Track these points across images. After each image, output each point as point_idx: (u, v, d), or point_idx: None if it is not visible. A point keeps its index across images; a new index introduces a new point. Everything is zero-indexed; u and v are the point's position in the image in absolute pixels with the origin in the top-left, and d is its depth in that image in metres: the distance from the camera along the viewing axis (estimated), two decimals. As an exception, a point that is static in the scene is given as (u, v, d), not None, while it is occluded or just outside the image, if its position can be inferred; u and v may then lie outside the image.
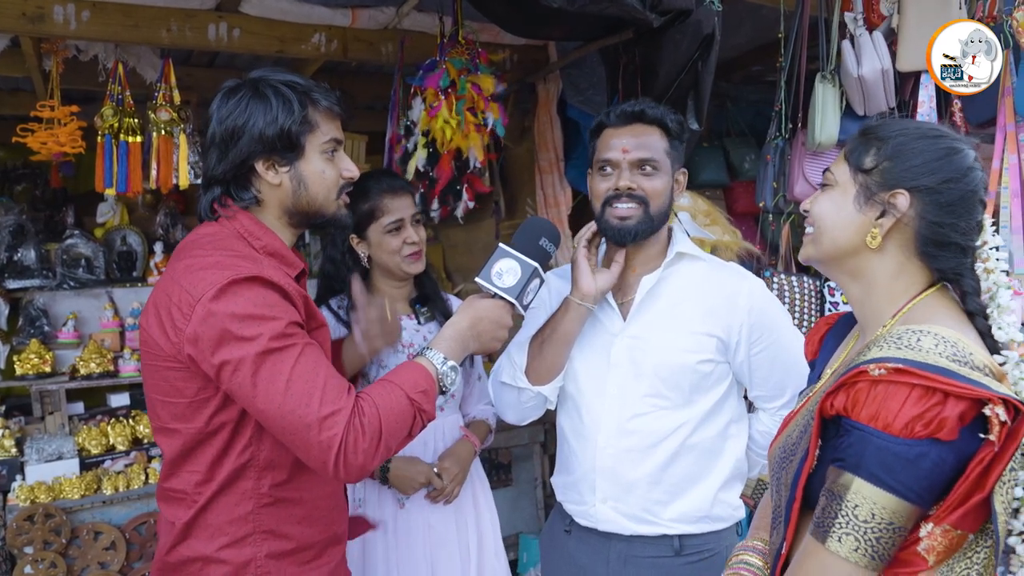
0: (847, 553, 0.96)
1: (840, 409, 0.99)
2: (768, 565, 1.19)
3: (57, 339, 3.77)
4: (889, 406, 0.94)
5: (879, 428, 0.95)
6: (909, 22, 2.43)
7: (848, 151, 1.15)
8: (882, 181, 1.09)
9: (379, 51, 3.12)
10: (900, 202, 1.08)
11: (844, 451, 0.99)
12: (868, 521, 0.95)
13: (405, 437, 1.31)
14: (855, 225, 1.11)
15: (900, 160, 1.09)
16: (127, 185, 2.92)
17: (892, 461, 0.94)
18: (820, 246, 1.16)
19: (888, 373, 0.95)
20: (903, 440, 0.93)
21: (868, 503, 0.95)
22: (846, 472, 0.97)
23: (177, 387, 1.32)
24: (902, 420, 0.93)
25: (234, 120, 1.34)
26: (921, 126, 1.14)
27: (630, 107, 1.63)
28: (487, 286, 1.44)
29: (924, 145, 1.09)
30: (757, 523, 1.29)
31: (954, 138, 1.11)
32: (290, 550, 1.37)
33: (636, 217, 1.59)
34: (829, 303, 2.61)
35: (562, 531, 1.75)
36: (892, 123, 1.15)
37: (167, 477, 1.38)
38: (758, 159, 3.73)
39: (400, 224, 1.98)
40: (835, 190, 1.14)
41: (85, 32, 2.68)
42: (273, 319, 1.24)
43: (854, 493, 0.96)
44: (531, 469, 3.72)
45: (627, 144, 1.60)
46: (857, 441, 0.97)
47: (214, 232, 1.38)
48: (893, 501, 0.94)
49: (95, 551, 2.90)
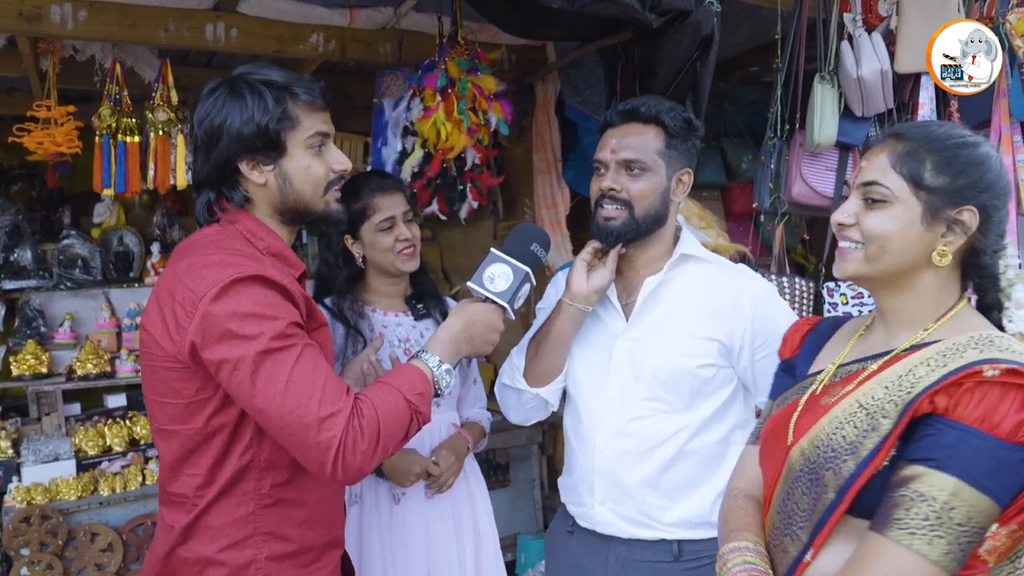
0: (937, 556, 0.94)
1: (940, 408, 0.98)
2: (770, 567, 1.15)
3: (54, 340, 3.76)
4: (999, 408, 0.94)
5: (984, 430, 0.94)
6: (908, 23, 2.43)
7: (895, 162, 1.11)
8: (948, 198, 1.08)
9: (377, 51, 3.12)
10: (968, 219, 1.08)
11: (935, 451, 0.97)
12: (963, 524, 0.94)
13: (402, 439, 1.31)
14: (923, 243, 1.09)
15: (963, 176, 1.08)
16: (125, 185, 2.92)
17: (996, 465, 0.93)
18: (879, 264, 1.12)
19: (1002, 374, 0.95)
20: (1008, 444, 0.93)
21: (965, 506, 0.94)
22: (940, 472, 0.96)
23: (175, 388, 1.31)
24: (1010, 424, 0.93)
25: (211, 120, 1.33)
26: (951, 131, 1.13)
27: (626, 105, 1.62)
28: (479, 290, 1.45)
29: (971, 156, 1.09)
30: (737, 524, 1.23)
31: (983, 141, 1.12)
32: (290, 552, 1.36)
33: (620, 219, 1.58)
34: (828, 304, 2.61)
35: (565, 532, 1.75)
36: (923, 129, 1.14)
37: (168, 481, 1.37)
38: (756, 160, 3.74)
39: (392, 222, 1.99)
40: (895, 207, 1.10)
41: (82, 32, 2.67)
42: (274, 319, 1.24)
43: (951, 495, 0.94)
44: (529, 470, 3.72)
45: (615, 144, 1.59)
46: (957, 442, 0.95)
47: (217, 232, 1.37)
48: (990, 505, 0.94)
49: (92, 552, 2.89)
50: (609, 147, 1.60)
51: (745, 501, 1.27)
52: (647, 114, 1.59)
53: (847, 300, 2.57)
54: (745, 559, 1.16)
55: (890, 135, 1.15)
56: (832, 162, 2.66)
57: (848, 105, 2.57)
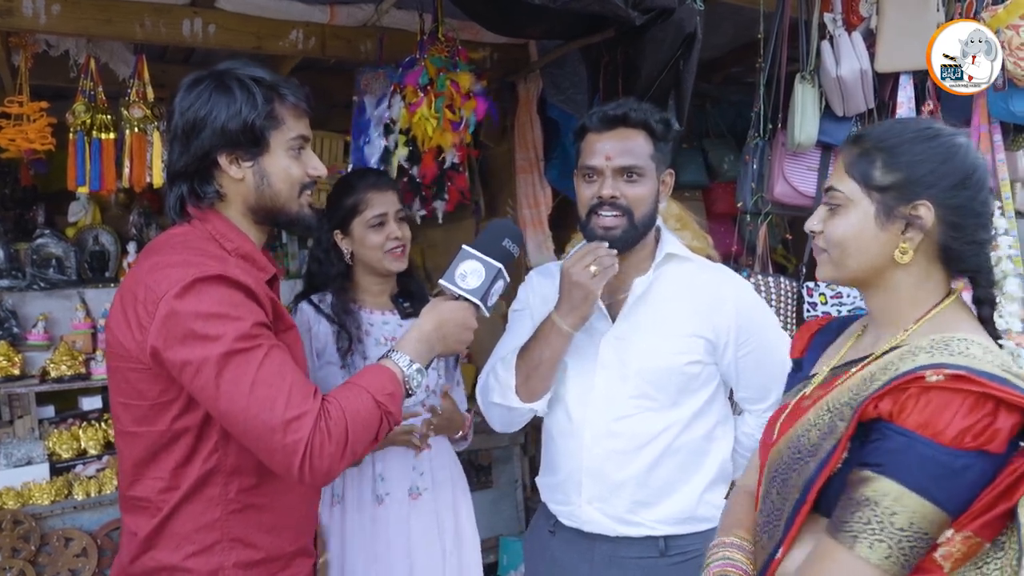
0: (878, 560, 0.94)
1: (884, 413, 0.97)
2: (752, 563, 1.16)
3: (27, 341, 3.68)
4: (942, 415, 0.93)
5: (928, 436, 0.93)
6: (888, 23, 2.45)
7: (849, 165, 1.11)
8: (899, 195, 1.07)
9: (358, 49, 3.09)
10: (924, 214, 1.06)
11: (882, 456, 0.97)
12: (904, 529, 0.94)
13: (371, 441, 1.28)
14: (880, 243, 1.09)
15: (911, 170, 1.07)
16: (100, 183, 2.87)
17: (937, 471, 0.93)
18: (844, 268, 1.12)
19: (946, 379, 0.94)
20: (951, 450, 0.92)
21: (907, 511, 0.94)
22: (884, 478, 0.96)
23: (139, 389, 1.28)
24: (953, 430, 0.92)
25: (195, 112, 1.31)
26: (912, 125, 1.13)
27: (613, 110, 1.59)
28: (451, 288, 1.43)
29: (926, 149, 1.07)
30: (729, 520, 1.26)
31: (947, 131, 1.10)
32: (258, 560, 1.34)
33: (621, 227, 1.56)
34: (807, 303, 2.62)
35: (546, 532, 1.74)
36: (884, 127, 1.13)
37: (130, 485, 1.33)
38: (737, 160, 3.75)
39: (384, 219, 1.98)
40: (849, 210, 1.11)
41: (56, 26, 2.62)
42: (238, 319, 1.21)
43: (893, 500, 0.94)
44: (511, 471, 3.71)
45: (610, 150, 1.56)
46: (901, 448, 0.95)
47: (185, 232, 1.35)
48: (933, 511, 0.93)
49: (66, 558, 2.83)
50: (603, 153, 1.57)
51: (744, 497, 1.28)
52: (636, 119, 1.58)
53: (826, 300, 2.59)
54: (724, 554, 1.17)
55: (850, 139, 1.15)
56: (814, 162, 2.67)
57: (829, 105, 2.58)
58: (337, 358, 1.97)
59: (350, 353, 1.96)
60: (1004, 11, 2.18)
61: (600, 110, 1.61)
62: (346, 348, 1.96)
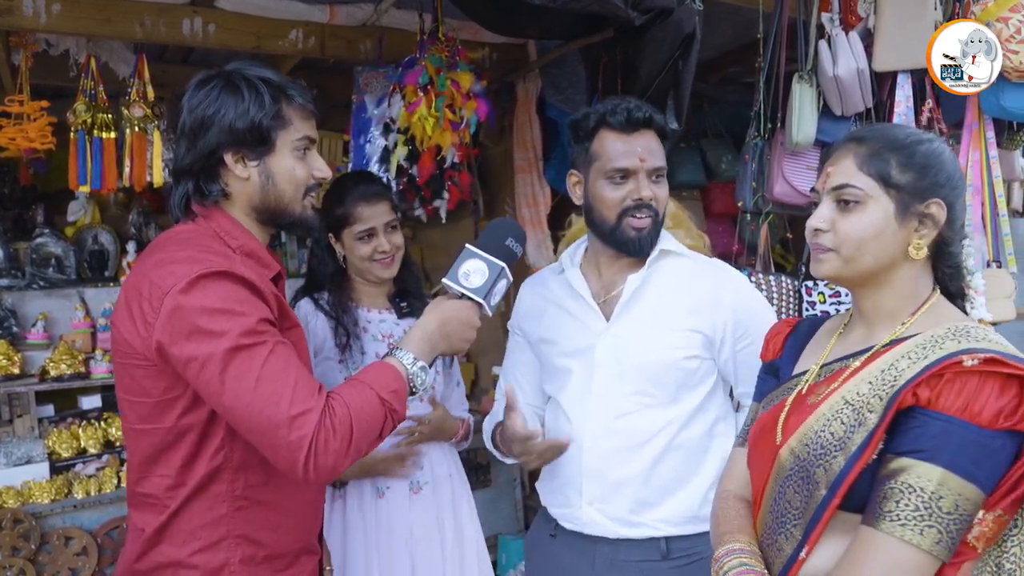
0: (929, 546, 0.97)
1: (923, 400, 1.01)
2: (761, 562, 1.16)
3: (26, 340, 3.68)
4: (979, 398, 0.98)
5: (966, 419, 0.97)
6: (885, 23, 2.45)
7: (861, 163, 1.13)
8: (916, 193, 1.12)
9: (357, 48, 3.10)
10: (936, 212, 1.12)
11: (923, 442, 0.99)
12: (951, 513, 0.97)
13: (376, 438, 1.29)
14: (898, 240, 1.12)
15: (927, 171, 1.12)
16: (101, 182, 2.87)
17: (979, 453, 0.97)
18: (858, 265, 1.14)
19: (980, 363, 0.98)
20: (988, 432, 0.97)
21: (953, 495, 0.97)
22: (925, 463, 0.98)
23: (144, 387, 1.29)
24: (989, 412, 0.97)
25: (203, 110, 1.32)
26: (903, 130, 1.18)
27: (638, 111, 1.58)
28: (454, 287, 1.43)
29: (928, 152, 1.14)
30: (728, 527, 1.24)
31: (934, 137, 1.17)
32: (263, 557, 1.34)
33: (648, 228, 1.59)
34: (807, 302, 2.63)
35: (547, 536, 1.73)
36: (882, 130, 1.18)
37: (137, 481, 1.34)
38: (735, 160, 3.76)
39: (372, 232, 1.99)
40: (868, 206, 1.12)
41: (56, 26, 2.62)
42: (243, 315, 1.22)
43: (939, 485, 0.97)
44: (510, 470, 3.71)
45: (643, 153, 1.58)
46: (941, 432, 0.98)
47: (189, 230, 1.36)
48: (975, 492, 0.97)
49: (66, 557, 2.83)
50: (636, 155, 1.57)
51: (736, 503, 1.28)
52: (659, 122, 1.61)
53: (824, 299, 2.60)
54: (741, 560, 1.17)
55: (849, 140, 1.18)
56: (813, 161, 2.67)
57: (827, 104, 2.59)
58: (335, 353, 1.99)
59: (348, 348, 1.98)
60: (994, 4, 2.20)
61: (622, 109, 1.58)
62: (344, 343, 1.98)
